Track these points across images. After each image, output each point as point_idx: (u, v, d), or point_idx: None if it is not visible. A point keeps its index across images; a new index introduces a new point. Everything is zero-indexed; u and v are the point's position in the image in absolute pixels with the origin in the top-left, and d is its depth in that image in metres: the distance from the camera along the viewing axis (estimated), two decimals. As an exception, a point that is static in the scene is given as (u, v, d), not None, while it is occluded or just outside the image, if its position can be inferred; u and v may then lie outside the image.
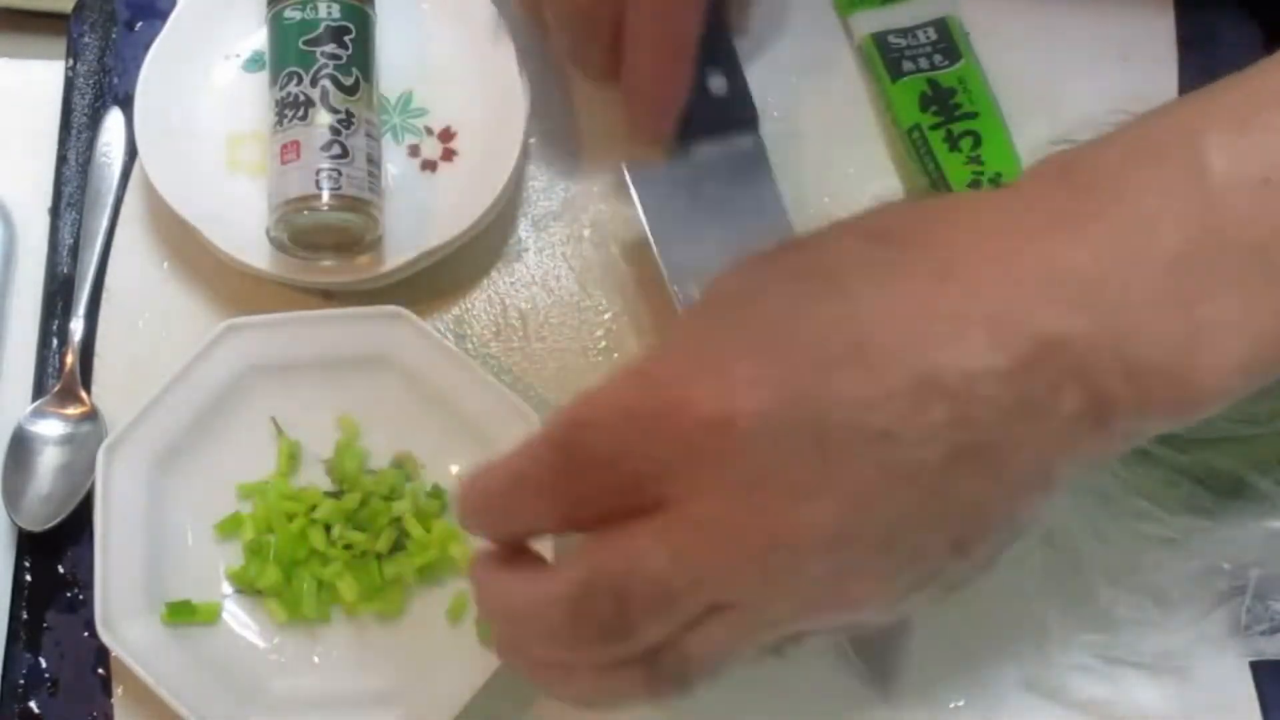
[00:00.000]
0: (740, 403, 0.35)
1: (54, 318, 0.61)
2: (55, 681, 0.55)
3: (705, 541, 0.36)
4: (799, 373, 0.35)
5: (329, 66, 0.56)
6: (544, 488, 0.38)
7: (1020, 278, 0.35)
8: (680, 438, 0.35)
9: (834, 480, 0.35)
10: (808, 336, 0.36)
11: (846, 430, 0.34)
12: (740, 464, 0.35)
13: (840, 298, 0.36)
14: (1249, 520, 0.51)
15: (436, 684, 0.52)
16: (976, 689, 0.55)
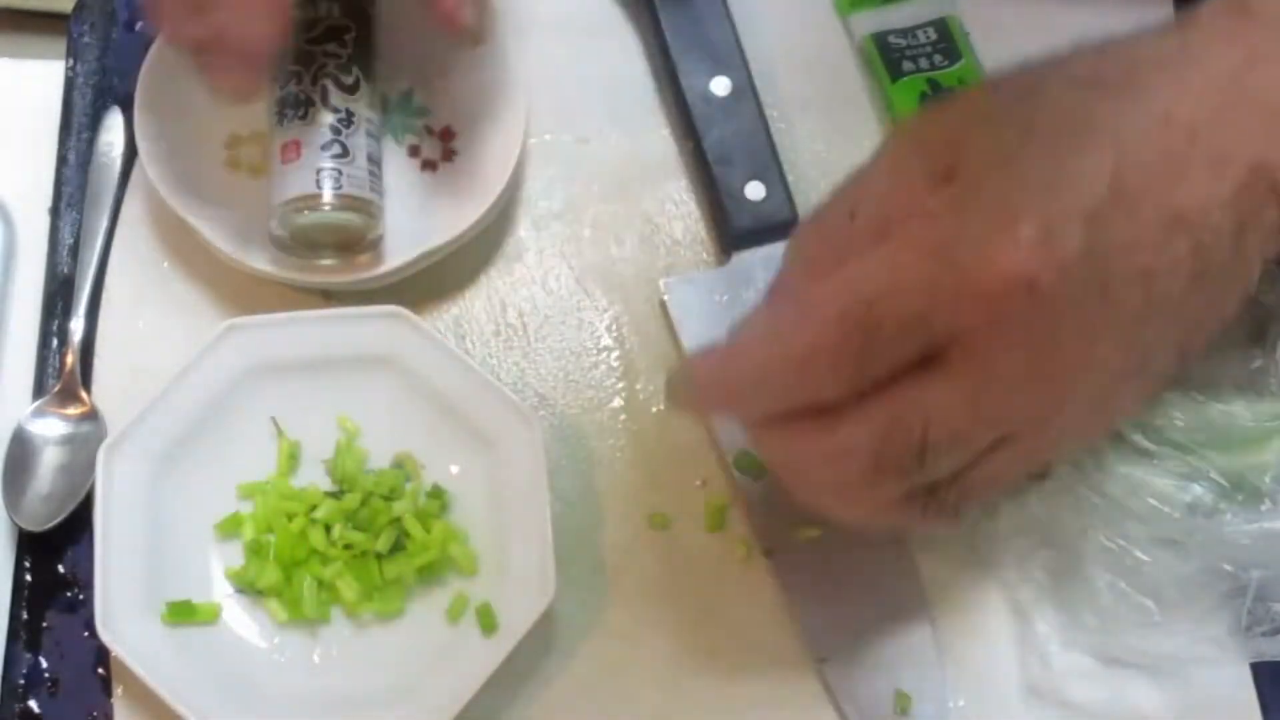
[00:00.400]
0: (1037, 262, 0.38)
1: (54, 318, 0.61)
2: (55, 681, 0.55)
3: (1004, 388, 0.40)
4: (1078, 226, 0.38)
5: (329, 65, 0.56)
6: (836, 365, 0.41)
7: (1229, 112, 0.40)
8: (983, 301, 0.39)
9: (1113, 319, 0.40)
10: (1073, 190, 0.39)
11: (1120, 273, 0.39)
12: (1039, 317, 0.39)
13: (1089, 150, 0.39)
14: (1249, 521, 0.51)
15: (436, 684, 0.52)
16: (976, 689, 0.55)
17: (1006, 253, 0.38)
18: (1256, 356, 0.53)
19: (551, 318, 0.61)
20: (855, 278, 0.40)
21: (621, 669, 0.55)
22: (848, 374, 0.41)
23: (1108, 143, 0.40)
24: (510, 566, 0.54)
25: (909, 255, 0.40)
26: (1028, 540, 0.55)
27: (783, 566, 0.56)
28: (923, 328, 0.40)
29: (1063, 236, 0.39)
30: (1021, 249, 0.38)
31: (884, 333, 0.40)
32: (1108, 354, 0.41)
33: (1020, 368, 0.40)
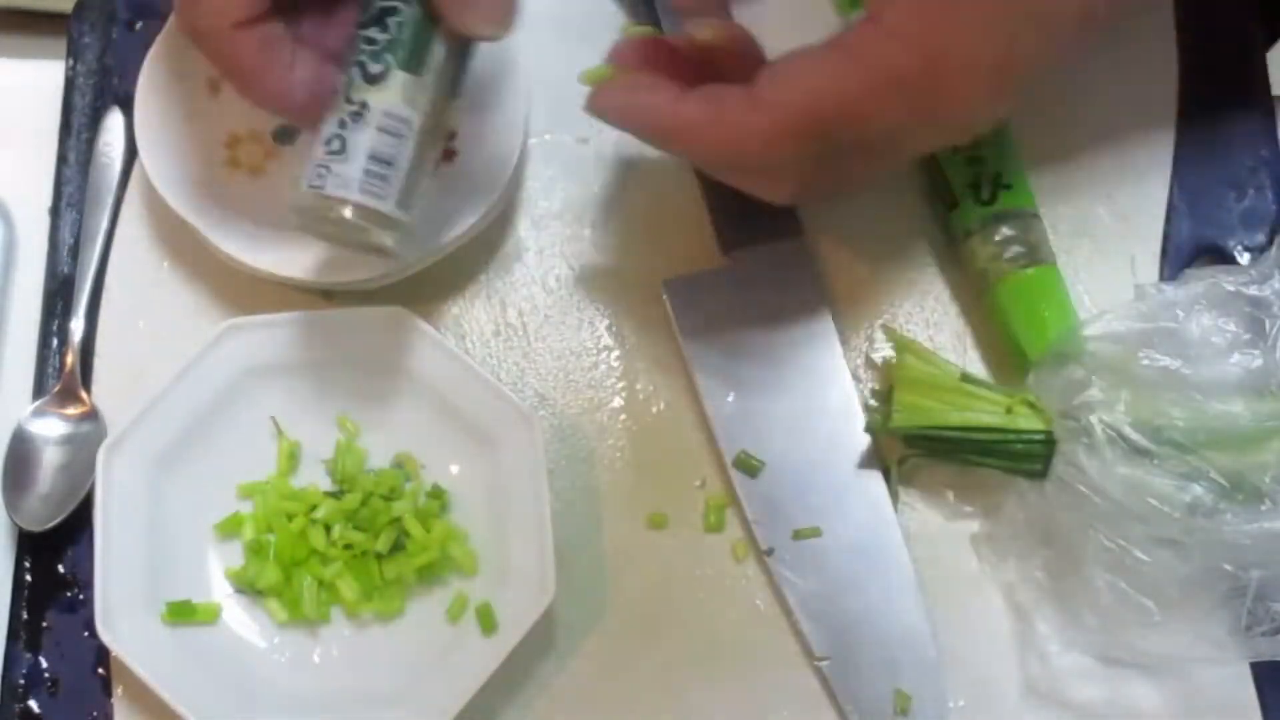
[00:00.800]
0: (983, 103, 0.49)
1: (54, 318, 0.61)
2: (55, 681, 0.55)
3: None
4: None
5: (362, 52, 0.51)
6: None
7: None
8: (923, 115, 0.48)
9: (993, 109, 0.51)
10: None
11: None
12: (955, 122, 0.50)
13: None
14: (1250, 521, 0.51)
15: (436, 684, 0.52)
16: (976, 689, 0.55)
17: (955, 83, 0.48)
18: (1256, 356, 0.53)
19: (551, 318, 0.61)
20: (812, 90, 0.48)
21: (621, 669, 0.55)
22: (785, 160, 0.49)
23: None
24: (510, 566, 0.54)
25: (864, 75, 0.47)
26: (1028, 540, 0.55)
27: (783, 566, 0.56)
28: (864, 131, 0.48)
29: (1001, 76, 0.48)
30: (969, 82, 0.47)
31: (831, 141, 0.48)
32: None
33: (925, 146, 0.53)
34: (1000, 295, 0.58)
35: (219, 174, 0.60)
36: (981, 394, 0.55)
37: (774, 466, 0.57)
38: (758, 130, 0.48)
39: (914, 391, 0.55)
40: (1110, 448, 0.52)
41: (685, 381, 0.59)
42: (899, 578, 0.56)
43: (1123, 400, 0.52)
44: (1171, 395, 0.52)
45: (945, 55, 0.47)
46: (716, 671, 0.55)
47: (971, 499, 0.57)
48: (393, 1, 0.51)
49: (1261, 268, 0.55)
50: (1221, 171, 0.63)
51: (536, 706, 0.55)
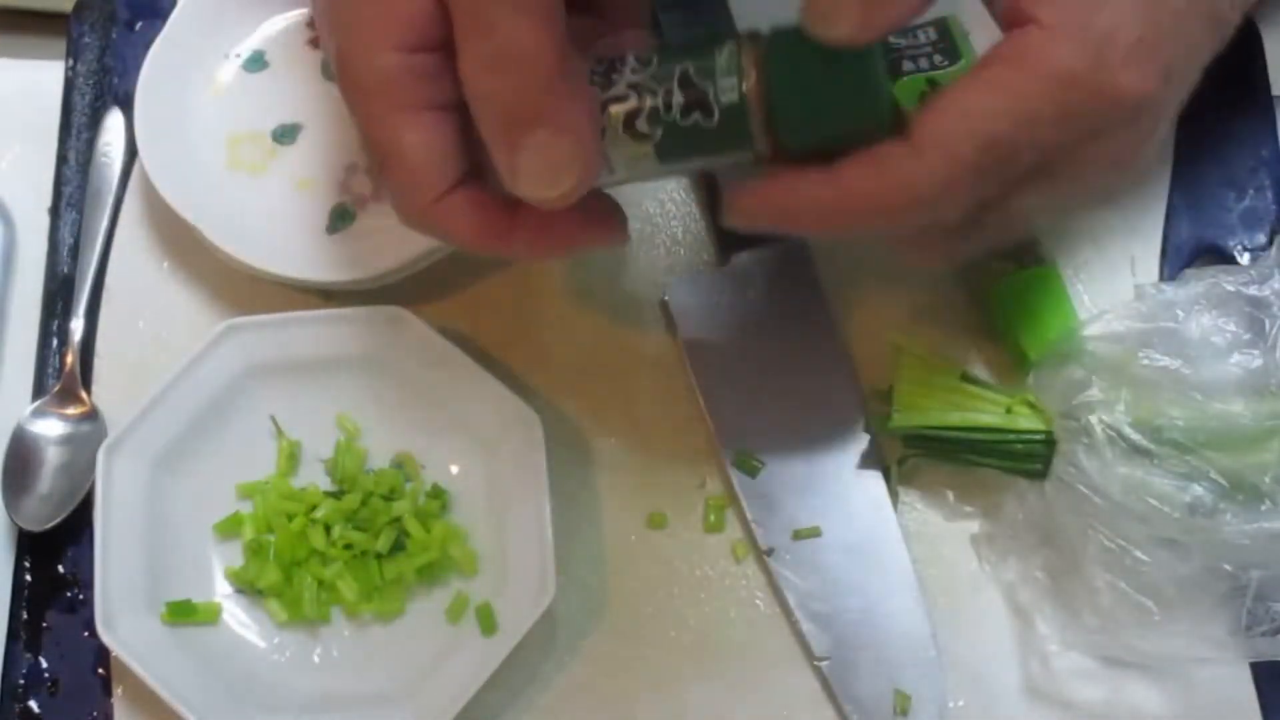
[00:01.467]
0: (1157, 84, 0.42)
1: (54, 318, 0.61)
2: (55, 681, 0.55)
3: (1089, 183, 0.46)
4: (1171, 41, 0.43)
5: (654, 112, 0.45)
6: (966, 198, 0.43)
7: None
8: (1103, 122, 0.43)
9: (1171, 106, 0.45)
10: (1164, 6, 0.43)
11: (1184, 68, 0.44)
12: (1142, 122, 0.44)
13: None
14: (1250, 521, 0.51)
15: (436, 684, 0.52)
16: (976, 689, 0.55)
17: (1135, 79, 0.42)
18: (1256, 356, 0.53)
19: (552, 318, 0.61)
20: (981, 112, 0.41)
21: (621, 669, 0.55)
22: (966, 204, 0.43)
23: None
24: (510, 566, 0.54)
25: (1036, 84, 0.41)
26: (1028, 540, 0.55)
27: (783, 566, 0.56)
28: (1044, 151, 0.43)
29: (1165, 54, 0.42)
30: (1147, 75, 0.42)
31: (1015, 164, 0.42)
32: (1163, 132, 0.46)
33: (1105, 165, 0.45)
34: (1000, 295, 0.58)
35: (219, 174, 0.60)
36: (981, 394, 0.55)
37: (774, 466, 0.57)
38: (930, 174, 0.42)
39: (914, 391, 0.55)
40: (1110, 448, 0.52)
41: (685, 381, 0.59)
42: (899, 578, 0.56)
43: (1123, 400, 0.52)
44: (1171, 395, 0.52)
45: (1112, 42, 0.41)
46: (716, 671, 0.55)
47: (971, 499, 0.57)
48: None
49: (1261, 268, 0.55)
50: (1221, 171, 0.63)
51: (536, 706, 0.55)
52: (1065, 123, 0.42)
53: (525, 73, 0.40)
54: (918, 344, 0.57)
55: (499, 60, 0.40)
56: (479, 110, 0.41)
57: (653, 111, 0.43)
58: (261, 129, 0.60)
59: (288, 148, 0.61)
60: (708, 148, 0.44)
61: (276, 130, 0.61)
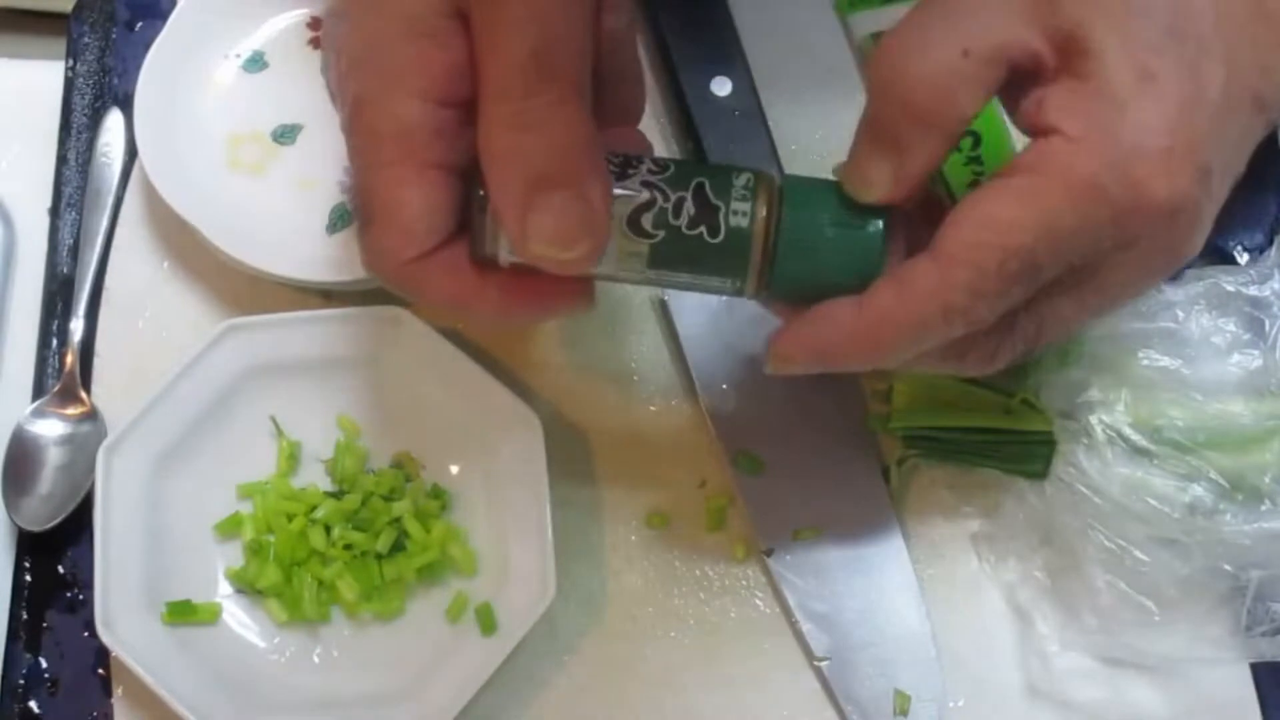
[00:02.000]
0: (1190, 190, 0.41)
1: (54, 318, 0.61)
2: (55, 681, 0.55)
3: (1119, 289, 0.45)
4: (1209, 143, 0.42)
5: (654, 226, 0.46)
6: (991, 308, 0.43)
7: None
8: (1136, 230, 0.42)
9: (1211, 204, 0.43)
10: (1203, 107, 0.42)
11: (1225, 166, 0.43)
12: (1178, 230, 0.42)
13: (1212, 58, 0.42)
14: (1249, 521, 0.51)
15: (436, 684, 0.52)
16: (976, 689, 0.55)
17: (1168, 187, 0.41)
18: (1256, 356, 0.53)
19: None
20: (1004, 223, 0.41)
21: (621, 669, 0.55)
22: (997, 310, 0.43)
23: (1220, 52, 0.42)
24: (510, 566, 0.54)
25: (1060, 197, 0.41)
26: (1028, 540, 0.55)
27: (783, 566, 0.56)
28: (1070, 261, 0.42)
29: (1201, 166, 0.41)
30: (1181, 182, 0.41)
31: (1039, 273, 0.42)
32: (1203, 237, 0.44)
33: (1138, 272, 0.44)
34: (1000, 295, 0.58)
35: (219, 174, 0.60)
36: (981, 394, 0.55)
37: (774, 466, 0.57)
38: (954, 284, 0.42)
39: (914, 391, 0.55)
40: (1110, 448, 0.52)
41: (685, 381, 0.59)
42: (899, 578, 0.56)
43: (1123, 400, 0.52)
44: (1171, 395, 0.52)
45: (1140, 152, 0.41)
46: (716, 671, 0.55)
47: (971, 499, 0.57)
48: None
49: (1261, 268, 0.55)
50: (1221, 171, 0.63)
51: (536, 706, 0.55)
52: (1091, 234, 0.42)
53: (553, 134, 0.41)
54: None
55: (527, 119, 0.40)
56: (498, 166, 0.41)
57: (661, 213, 0.43)
58: (261, 129, 0.60)
59: (288, 148, 0.61)
60: (699, 265, 0.44)
61: (276, 130, 0.61)
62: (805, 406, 0.58)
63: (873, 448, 0.58)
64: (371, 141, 0.43)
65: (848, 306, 0.44)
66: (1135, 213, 0.41)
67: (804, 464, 0.57)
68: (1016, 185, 0.41)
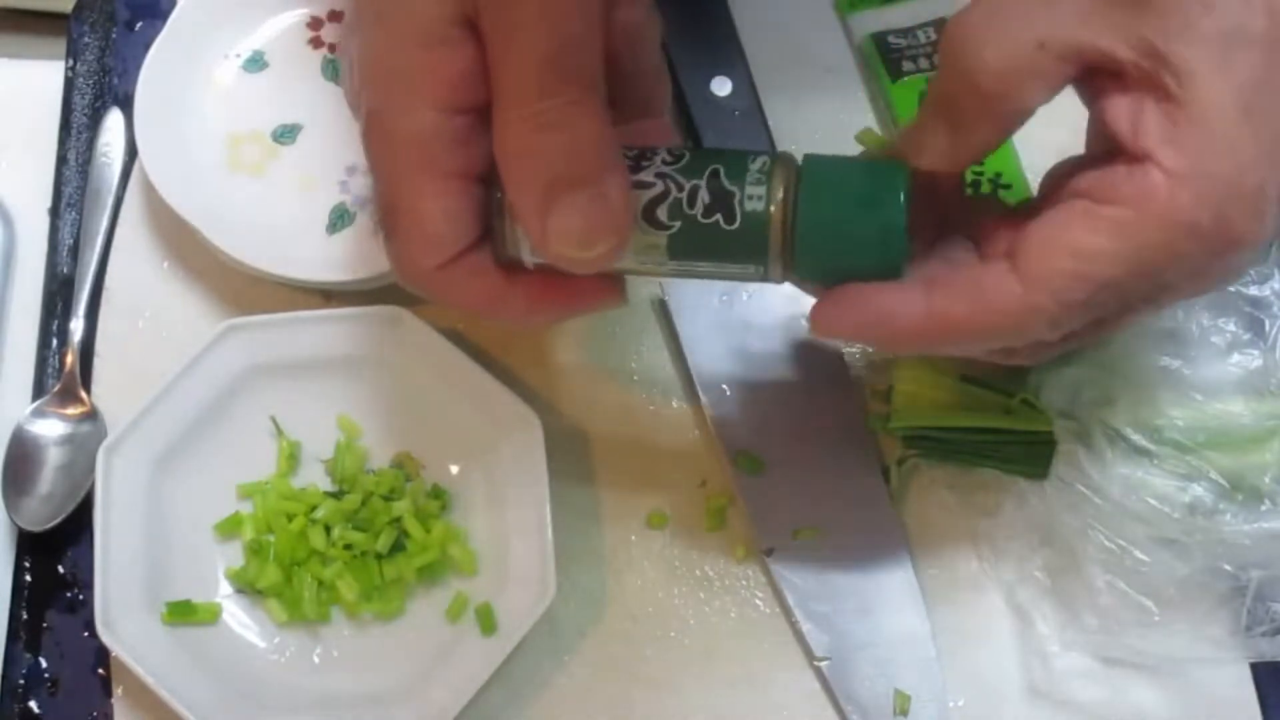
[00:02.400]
0: (1271, 226, 0.41)
1: (54, 318, 0.61)
2: (55, 681, 0.55)
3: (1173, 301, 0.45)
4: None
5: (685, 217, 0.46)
6: (1059, 327, 0.43)
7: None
8: (1209, 265, 0.41)
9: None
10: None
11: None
12: (1246, 257, 0.42)
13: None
14: (1249, 521, 0.51)
15: (436, 684, 0.52)
16: (976, 689, 0.55)
17: (1250, 224, 0.40)
18: (1256, 356, 0.53)
19: (540, 327, 0.60)
20: (1097, 255, 0.41)
21: (621, 669, 0.55)
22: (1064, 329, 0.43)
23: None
24: (510, 566, 0.54)
25: (1157, 234, 0.40)
26: (1028, 540, 0.55)
27: (783, 566, 0.56)
28: (1153, 288, 0.42)
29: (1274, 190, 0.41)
30: (1262, 218, 0.41)
31: (1124, 301, 0.42)
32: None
33: (1212, 285, 0.44)
34: (1000, 295, 0.58)
35: (219, 174, 0.60)
36: (981, 394, 0.55)
37: (774, 466, 0.57)
38: (1035, 310, 0.42)
39: (914, 391, 0.55)
40: (1110, 448, 0.52)
41: (685, 381, 0.59)
42: (899, 577, 0.56)
43: (1123, 400, 0.52)
44: (1171, 395, 0.52)
45: (1237, 192, 0.40)
46: (716, 671, 0.55)
47: (971, 499, 0.57)
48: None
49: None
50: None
51: (536, 706, 0.55)
52: (1180, 266, 0.41)
53: (572, 133, 0.41)
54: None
55: (544, 120, 0.40)
56: (516, 168, 0.41)
57: (676, 203, 0.43)
58: (261, 129, 0.60)
59: (288, 148, 0.61)
60: (719, 252, 0.44)
61: (276, 130, 0.61)
62: (805, 406, 0.58)
63: (873, 448, 0.58)
64: (390, 152, 0.43)
65: (916, 300, 0.43)
66: (1224, 251, 0.41)
67: (804, 464, 0.57)
68: (1111, 216, 0.41)
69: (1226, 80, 0.40)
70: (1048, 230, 0.42)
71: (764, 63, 0.63)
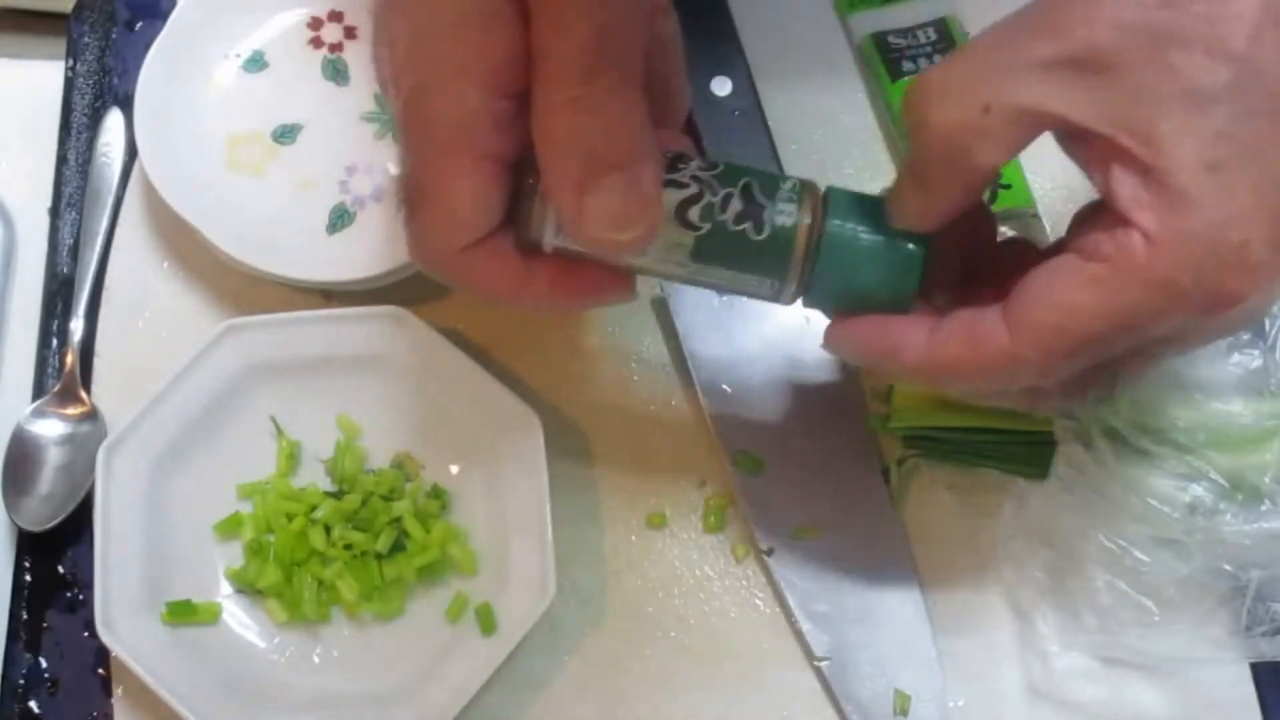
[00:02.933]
0: (1272, 276, 0.40)
1: (54, 318, 0.61)
2: (55, 681, 0.55)
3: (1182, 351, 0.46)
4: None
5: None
6: (1058, 374, 0.43)
7: None
8: (1205, 322, 0.42)
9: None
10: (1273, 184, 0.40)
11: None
12: (1247, 314, 0.42)
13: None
14: (1249, 521, 0.51)
15: (436, 684, 0.52)
16: (976, 689, 0.55)
17: (1242, 282, 0.40)
18: (1256, 356, 0.53)
19: (551, 318, 0.61)
20: (1078, 312, 0.41)
21: (621, 669, 0.55)
22: (1064, 377, 0.44)
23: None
24: (510, 566, 0.54)
25: (1137, 292, 0.40)
26: (1028, 540, 0.55)
27: (783, 566, 0.56)
28: (1142, 342, 0.43)
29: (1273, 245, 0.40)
30: (1254, 275, 0.40)
31: (1110, 352, 0.42)
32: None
33: (1207, 339, 0.45)
34: (1000, 295, 0.58)
35: (219, 174, 0.60)
36: (981, 394, 0.55)
37: (774, 466, 0.57)
38: (1022, 359, 0.42)
39: (914, 391, 0.55)
40: (1110, 448, 0.52)
41: (685, 381, 0.59)
42: (899, 578, 0.56)
43: (1123, 400, 0.52)
44: (1171, 395, 0.52)
45: (1217, 250, 0.40)
46: (716, 671, 0.55)
47: (971, 499, 0.57)
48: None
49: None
50: (1221, 171, 0.63)
51: (536, 706, 0.55)
52: (1164, 323, 0.42)
53: (611, 118, 0.41)
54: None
55: (587, 102, 0.41)
56: (554, 151, 0.41)
57: (708, 207, 0.44)
58: (261, 129, 0.60)
59: (288, 148, 0.61)
60: (742, 261, 0.45)
61: (276, 130, 0.61)
62: (805, 406, 0.58)
63: (873, 448, 0.58)
64: (427, 131, 0.43)
65: (919, 333, 0.44)
66: (1213, 309, 0.41)
67: (804, 464, 0.57)
68: (1093, 274, 0.41)
69: (1193, 140, 0.40)
70: (1038, 282, 0.42)
71: (764, 63, 0.63)
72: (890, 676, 0.54)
